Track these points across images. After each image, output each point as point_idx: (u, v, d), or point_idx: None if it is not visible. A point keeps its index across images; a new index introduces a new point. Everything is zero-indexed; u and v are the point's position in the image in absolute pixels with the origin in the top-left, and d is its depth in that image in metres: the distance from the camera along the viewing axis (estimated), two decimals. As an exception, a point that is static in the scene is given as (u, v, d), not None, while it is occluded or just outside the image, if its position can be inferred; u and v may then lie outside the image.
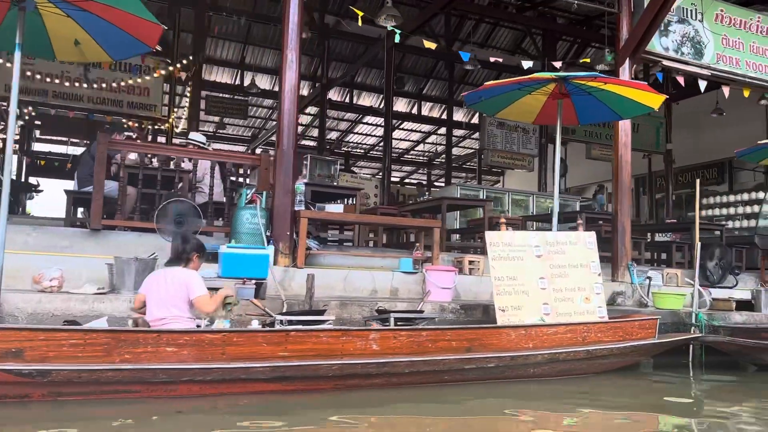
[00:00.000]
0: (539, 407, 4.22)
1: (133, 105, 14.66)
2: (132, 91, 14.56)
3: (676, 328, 6.61)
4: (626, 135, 7.61)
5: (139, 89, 14.60)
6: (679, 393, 5.38)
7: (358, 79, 20.22)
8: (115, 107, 14.37)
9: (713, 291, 7.77)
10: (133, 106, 14.66)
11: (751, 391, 5.65)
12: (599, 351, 4.98)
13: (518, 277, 5.40)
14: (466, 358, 4.32)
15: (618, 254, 7.48)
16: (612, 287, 7.33)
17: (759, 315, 7.14)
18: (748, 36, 8.51)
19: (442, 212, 8.05)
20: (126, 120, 15.32)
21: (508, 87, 6.20)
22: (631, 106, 6.36)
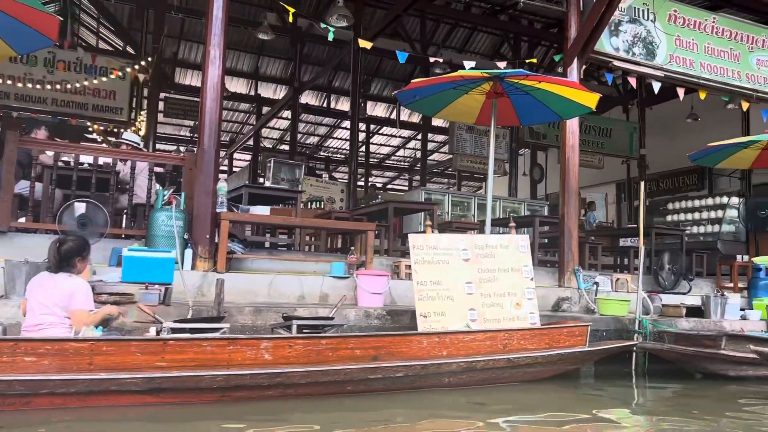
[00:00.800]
0: (447, 417, 3.99)
1: (99, 108, 14.38)
2: (98, 93, 14.29)
3: (619, 335, 6.41)
4: (573, 136, 7.42)
5: (105, 92, 14.33)
6: (611, 404, 5.15)
7: (336, 83, 20.05)
8: (80, 110, 14.11)
9: (664, 297, 7.58)
10: (99, 109, 14.38)
11: (691, 402, 5.42)
12: (522, 359, 4.76)
13: (443, 281, 5.18)
14: (371, 368, 4.08)
15: (564, 259, 7.28)
16: (558, 293, 7.12)
17: (707, 321, 6.94)
18: (703, 37, 8.35)
19: (388, 216, 7.84)
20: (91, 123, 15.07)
21: (441, 86, 6.01)
22: (570, 106, 6.17)
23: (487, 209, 6.06)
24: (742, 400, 5.29)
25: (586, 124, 15.74)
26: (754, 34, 8.75)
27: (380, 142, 25.18)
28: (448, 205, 12.54)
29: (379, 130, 23.76)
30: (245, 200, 6.92)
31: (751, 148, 7.78)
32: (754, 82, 8.67)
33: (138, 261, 4.57)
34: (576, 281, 7.20)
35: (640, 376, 6.37)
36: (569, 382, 5.71)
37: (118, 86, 14.33)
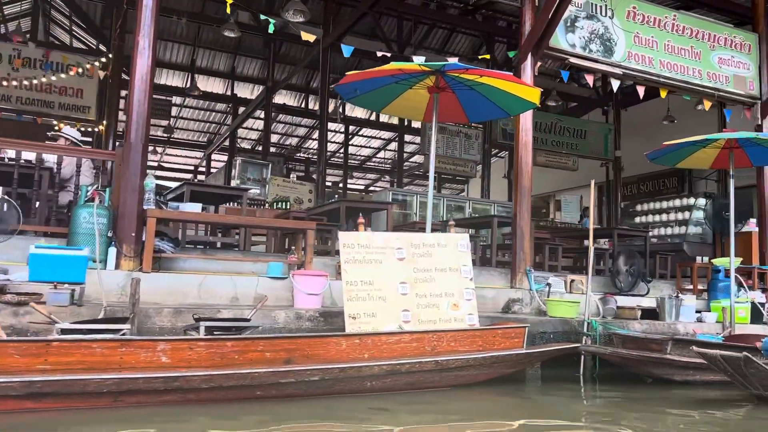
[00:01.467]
0: (362, 422, 3.78)
1: (66, 106, 14.13)
2: (64, 92, 14.04)
3: (567, 337, 6.22)
4: (526, 134, 7.25)
5: (72, 90, 14.08)
6: (543, 410, 4.95)
7: (314, 84, 19.79)
8: (46, 108, 13.83)
9: (621, 299, 7.41)
10: (66, 107, 14.13)
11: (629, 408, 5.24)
12: (451, 362, 4.56)
13: (375, 281, 4.97)
14: (283, 371, 3.87)
15: (517, 259, 7.09)
16: (509, 294, 6.94)
17: (661, 324, 6.78)
18: (663, 34, 8.21)
19: (341, 215, 7.63)
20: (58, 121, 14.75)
21: (382, 80, 5.81)
22: (514, 102, 5.99)
23: (428, 207, 5.85)
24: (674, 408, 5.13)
25: (561, 126, 15.65)
26: (716, 32, 8.62)
27: (361, 144, 24.96)
28: (416, 206, 12.37)
29: (359, 132, 23.55)
30: (187, 198, 6.69)
31: (710, 148, 7.62)
32: (716, 81, 8.55)
33: (46, 259, 4.34)
34: (528, 282, 7.02)
35: (589, 380, 6.21)
36: (511, 386, 5.52)
37: (86, 84, 14.06)
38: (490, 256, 8.42)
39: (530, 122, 7.29)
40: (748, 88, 8.79)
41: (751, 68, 8.85)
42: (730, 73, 8.66)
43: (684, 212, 10.57)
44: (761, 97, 8.88)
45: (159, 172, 26.21)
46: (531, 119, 7.32)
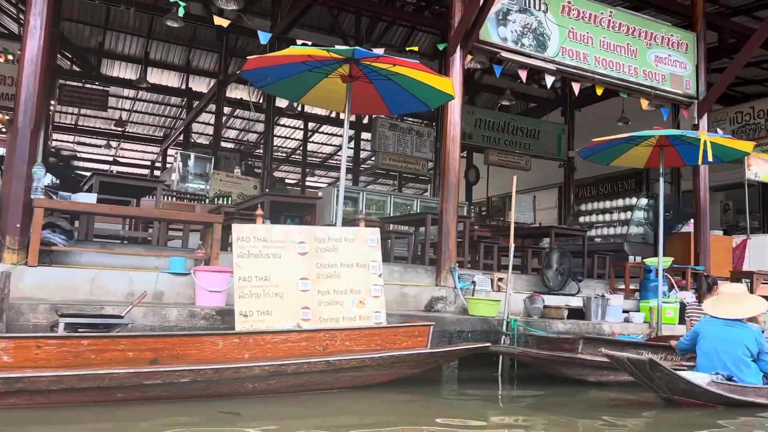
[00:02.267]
0: (197, 426, 3.51)
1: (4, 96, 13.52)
2: (3, 81, 13.46)
3: (486, 337, 6.04)
4: (454, 128, 7.06)
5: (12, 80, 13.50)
6: (453, 413, 4.74)
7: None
8: (-16, 99, 13.23)
9: (549, 298, 7.28)
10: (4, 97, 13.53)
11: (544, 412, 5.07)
12: (345, 362, 4.32)
13: (272, 277, 4.72)
14: (147, 372, 3.58)
15: (442, 257, 6.90)
16: (432, 292, 6.74)
17: (585, 324, 6.65)
18: (598, 31, 8.11)
19: (265, 210, 7.34)
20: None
21: (294, 67, 5.56)
22: (432, 93, 5.80)
23: (339, 200, 5.61)
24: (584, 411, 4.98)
25: (514, 125, 15.56)
26: (653, 30, 8.56)
27: (321, 141, 24.61)
28: (362, 203, 12.14)
29: (319, 129, 23.21)
30: (95, 189, 6.35)
31: (643, 146, 7.55)
32: (652, 79, 8.48)
33: None
34: (453, 280, 6.83)
35: (507, 381, 6.05)
36: (423, 387, 5.31)
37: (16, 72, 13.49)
38: (422, 254, 8.23)
39: (458, 116, 7.11)
40: (685, 88, 8.75)
41: (688, 67, 8.81)
42: (666, 72, 8.60)
43: (627, 212, 10.52)
44: (698, 97, 8.85)
45: (115, 167, 25.58)
46: (459, 113, 7.13)
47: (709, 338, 5.10)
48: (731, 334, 5.01)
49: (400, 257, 8.50)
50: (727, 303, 5.21)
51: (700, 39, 8.95)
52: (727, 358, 4.96)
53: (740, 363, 4.94)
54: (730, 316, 5.09)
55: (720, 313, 5.16)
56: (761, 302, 5.46)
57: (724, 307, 5.18)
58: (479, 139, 15.11)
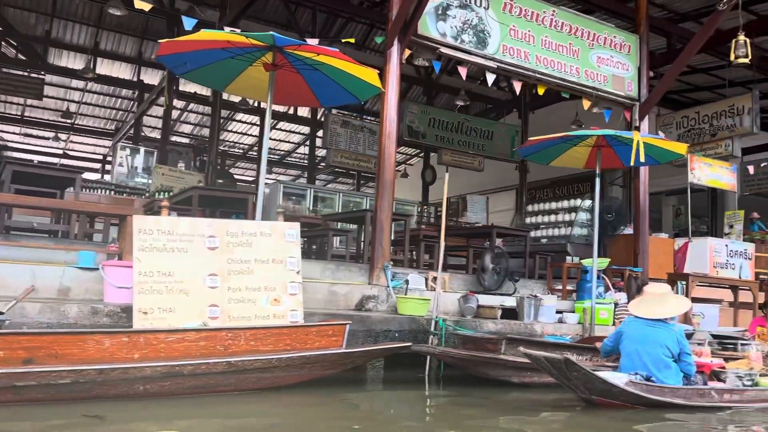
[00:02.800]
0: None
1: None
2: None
3: (414, 336, 5.89)
4: (390, 124, 6.89)
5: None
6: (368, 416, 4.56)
7: None
8: None
9: (484, 298, 7.18)
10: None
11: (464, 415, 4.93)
12: (249, 363, 4.10)
13: (176, 272, 4.47)
14: (19, 373, 3.30)
15: (375, 255, 6.73)
16: (364, 291, 6.56)
17: (517, 324, 6.56)
18: (540, 29, 8.06)
19: (193, 205, 7.07)
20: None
21: (215, 53, 5.32)
22: (360, 86, 5.63)
23: (258, 193, 5.37)
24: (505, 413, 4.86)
25: (468, 125, 15.54)
26: (596, 31, 8.56)
27: (279, 138, 24.20)
28: (309, 201, 11.92)
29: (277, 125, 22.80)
30: (8, 180, 5.99)
31: (582, 146, 7.51)
32: (594, 80, 8.48)
33: None
34: (385, 279, 6.66)
35: (434, 382, 5.90)
36: (343, 388, 5.14)
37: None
38: (363, 252, 8.05)
39: (394, 112, 6.94)
40: (627, 89, 8.78)
41: (630, 69, 8.84)
42: (608, 73, 8.61)
43: (572, 214, 10.54)
44: (639, 99, 8.88)
45: (65, 160, 24.75)
46: (396, 108, 6.96)
47: (631, 339, 5.05)
48: (653, 335, 4.95)
49: (339, 255, 8.31)
50: (650, 303, 5.16)
51: (643, 41, 8.99)
52: (648, 359, 4.91)
53: (660, 364, 4.89)
54: (652, 316, 5.04)
55: (643, 313, 5.12)
56: (684, 302, 5.44)
57: (647, 308, 5.14)
58: (433, 139, 15.04)
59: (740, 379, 5.29)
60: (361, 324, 5.64)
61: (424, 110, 15.05)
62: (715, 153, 12.00)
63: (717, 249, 10.83)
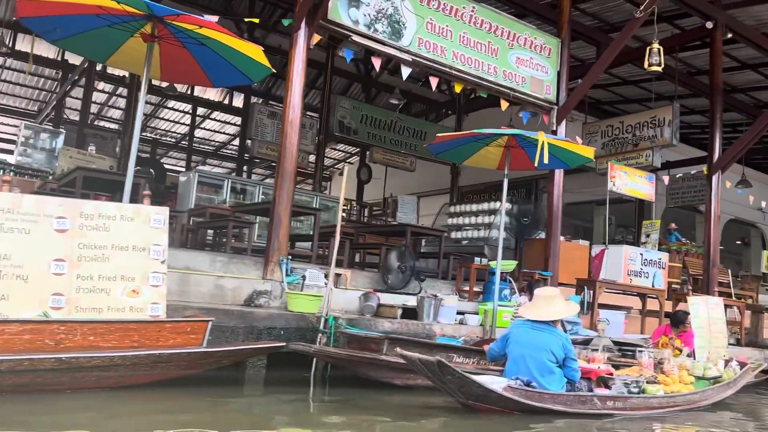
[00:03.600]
0: None
1: None
2: None
3: (302, 334, 5.57)
4: (294, 111, 6.55)
5: None
6: (230, 419, 4.20)
7: None
8: None
9: (387, 296, 6.93)
10: None
11: (331, 416, 4.65)
12: (85, 360, 3.67)
13: (14, 255, 4.00)
14: None
15: (271, 248, 6.37)
16: (255, 285, 6.19)
17: (414, 324, 6.32)
18: (459, 25, 7.88)
19: (77, 187, 6.53)
20: None
21: (88, 20, 4.85)
22: (249, 64, 5.25)
23: (128, 175, 4.93)
24: (383, 417, 4.60)
25: (401, 125, 15.33)
26: (516, 31, 8.45)
27: (214, 129, 23.42)
28: (227, 191, 11.42)
29: (210, 115, 22.07)
30: None
31: (493, 146, 7.35)
32: (512, 80, 8.37)
33: None
34: (281, 273, 6.32)
35: (319, 383, 5.59)
36: (217, 388, 4.79)
37: None
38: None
39: (299, 98, 6.60)
40: (545, 92, 8.72)
41: (549, 72, 8.78)
42: (527, 75, 8.52)
43: (491, 216, 10.45)
44: (558, 103, 8.84)
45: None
46: (300, 94, 6.62)
47: (517, 342, 4.88)
48: (538, 339, 4.80)
49: (241, 248, 7.90)
50: (539, 306, 5.01)
51: (565, 45, 8.96)
52: (533, 364, 4.75)
53: (544, 369, 4.73)
54: (539, 318, 4.89)
55: (531, 315, 4.96)
56: (572, 306, 5.32)
57: (535, 310, 4.99)
58: (365, 136, 14.75)
59: (627, 386, 5.21)
60: (242, 320, 5.28)
61: (356, 106, 14.76)
62: (636, 163, 12.18)
63: (632, 257, 10.96)
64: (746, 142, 10.56)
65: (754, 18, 11.52)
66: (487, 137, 7.05)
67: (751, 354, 9.00)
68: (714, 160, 10.83)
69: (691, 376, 6.16)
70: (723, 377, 6.50)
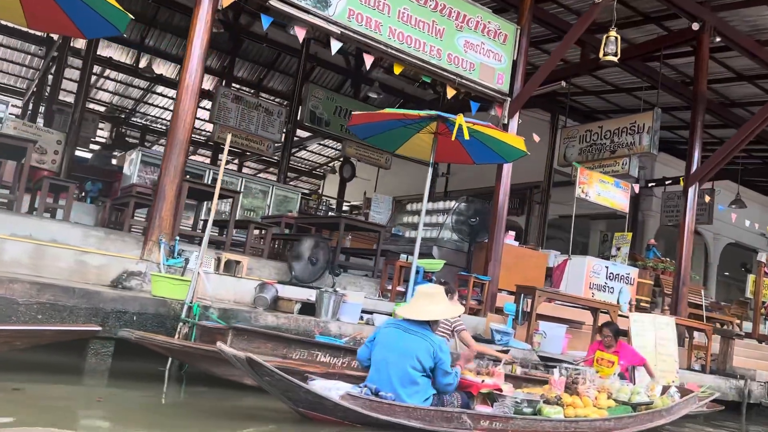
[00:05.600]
0: None
1: None
2: None
3: (161, 322, 4.95)
4: (190, 77, 5.92)
5: None
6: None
7: (149, 41, 17.49)
8: None
9: (289, 289, 6.29)
10: None
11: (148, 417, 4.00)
12: None
13: None
14: None
15: (151, 225, 5.76)
16: (128, 265, 5.57)
17: (308, 320, 5.65)
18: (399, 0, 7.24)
19: None
20: None
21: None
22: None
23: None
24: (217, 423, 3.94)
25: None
26: (467, 12, 7.77)
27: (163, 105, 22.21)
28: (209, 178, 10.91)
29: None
30: None
31: (425, 133, 6.70)
32: (458, 65, 7.69)
33: None
34: (161, 254, 5.69)
35: (175, 377, 4.95)
36: (39, 377, 4.19)
37: None
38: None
39: (198, 62, 5.96)
40: (496, 82, 8.02)
41: (503, 60, 8.09)
42: (476, 61, 7.83)
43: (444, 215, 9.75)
44: (511, 95, 8.14)
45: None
46: (201, 59, 5.98)
47: (382, 345, 4.19)
48: (405, 343, 4.10)
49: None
50: (418, 303, 4.32)
51: (524, 33, 8.26)
52: (394, 371, 4.06)
53: (406, 378, 4.04)
54: (413, 316, 4.20)
55: (405, 313, 4.28)
56: (456, 307, 4.63)
57: (412, 308, 4.30)
58: (337, 128, 14.18)
59: (518, 404, 4.49)
60: (85, 299, 4.66)
61: (330, 97, 14.19)
62: (612, 171, 11.41)
63: (595, 270, 10.21)
64: (725, 154, 9.76)
65: (747, 23, 10.72)
66: (414, 121, 6.41)
67: (713, 382, 8.17)
68: (692, 172, 10.02)
69: (611, 400, 5.41)
70: (655, 404, 5.73)
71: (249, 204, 11.44)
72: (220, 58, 16.44)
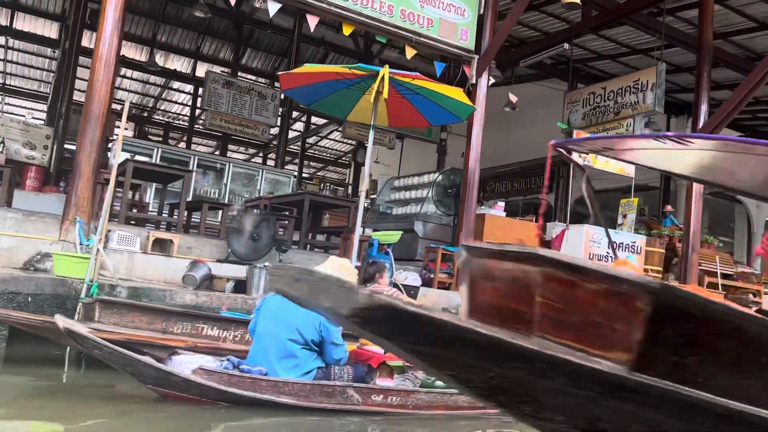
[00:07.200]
0: None
1: None
2: None
3: (60, 302, 4.67)
4: (105, 44, 5.58)
5: None
6: None
7: (161, 37, 17.47)
8: None
9: (226, 267, 5.94)
10: None
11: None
12: None
13: None
14: None
15: (69, 204, 5.50)
16: (42, 246, 5.33)
17: (234, 297, 5.28)
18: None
19: None
20: None
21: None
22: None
23: None
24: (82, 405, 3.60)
25: (377, 97, 14.22)
26: (420, -37, 7.19)
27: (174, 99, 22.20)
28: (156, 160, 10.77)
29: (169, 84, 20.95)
30: None
31: (370, 93, 6.19)
32: (413, 22, 7.12)
33: None
34: (78, 235, 5.43)
35: (74, 362, 4.66)
36: None
37: None
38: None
39: (113, 26, 5.63)
40: (459, 38, 7.40)
41: (467, 15, 7.46)
42: (434, 16, 7.24)
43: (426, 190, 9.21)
44: (479, 52, 7.51)
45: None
46: (116, 24, 5.64)
47: (265, 315, 3.77)
48: (288, 314, 3.65)
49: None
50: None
51: (492, -16, 7.61)
52: (272, 344, 3.64)
53: (283, 352, 3.62)
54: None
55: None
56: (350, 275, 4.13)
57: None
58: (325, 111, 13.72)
59: (428, 377, 3.99)
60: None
61: (325, 77, 13.75)
62: (617, 134, 10.55)
63: (595, 239, 9.43)
64: (735, 103, 8.78)
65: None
66: (356, 81, 5.91)
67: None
68: (699, 126, 9.11)
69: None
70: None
71: (238, 190, 11.21)
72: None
